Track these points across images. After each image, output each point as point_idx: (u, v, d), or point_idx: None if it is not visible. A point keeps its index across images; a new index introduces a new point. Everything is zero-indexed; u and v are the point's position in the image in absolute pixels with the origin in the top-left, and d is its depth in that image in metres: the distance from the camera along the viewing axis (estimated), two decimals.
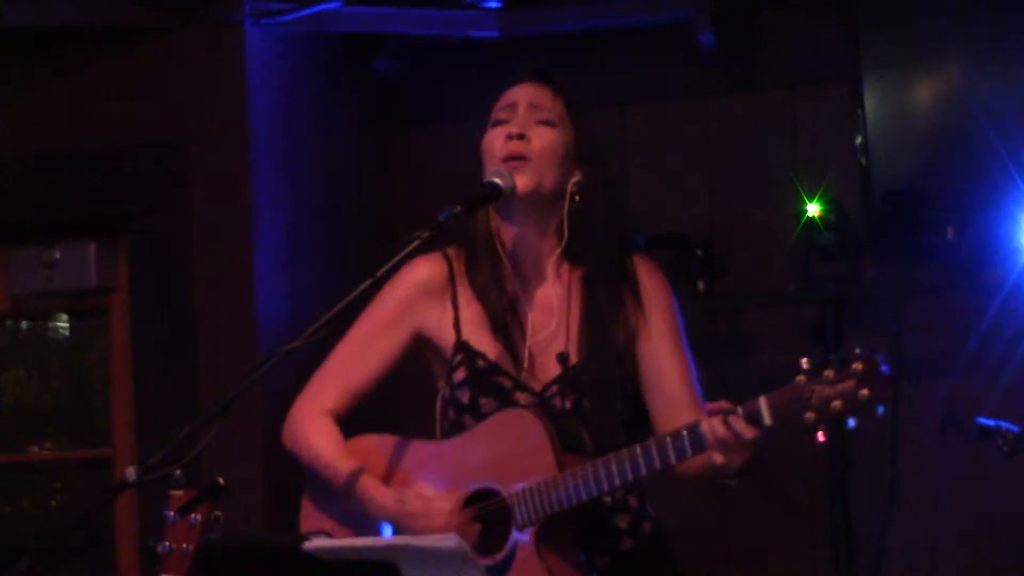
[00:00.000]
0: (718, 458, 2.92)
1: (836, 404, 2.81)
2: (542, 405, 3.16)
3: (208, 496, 2.69)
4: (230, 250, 4.85)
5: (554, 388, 3.19)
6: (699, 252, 5.14)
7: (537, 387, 3.20)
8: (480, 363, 3.21)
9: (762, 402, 2.88)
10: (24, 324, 5.56)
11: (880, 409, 2.80)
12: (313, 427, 3.28)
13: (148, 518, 4.74)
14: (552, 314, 3.24)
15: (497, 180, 3.14)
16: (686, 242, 5.16)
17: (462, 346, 3.23)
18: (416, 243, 2.99)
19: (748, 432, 2.89)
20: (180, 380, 4.84)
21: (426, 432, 3.29)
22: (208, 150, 4.90)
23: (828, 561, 5.02)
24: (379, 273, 2.96)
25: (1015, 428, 4.44)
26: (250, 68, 4.87)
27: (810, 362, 2.84)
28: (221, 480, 2.69)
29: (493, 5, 5.13)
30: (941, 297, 5.07)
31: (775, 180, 5.20)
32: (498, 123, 3.25)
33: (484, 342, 3.22)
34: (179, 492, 2.71)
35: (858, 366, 2.81)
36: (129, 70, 4.97)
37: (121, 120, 4.98)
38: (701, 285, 5.13)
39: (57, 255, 5.09)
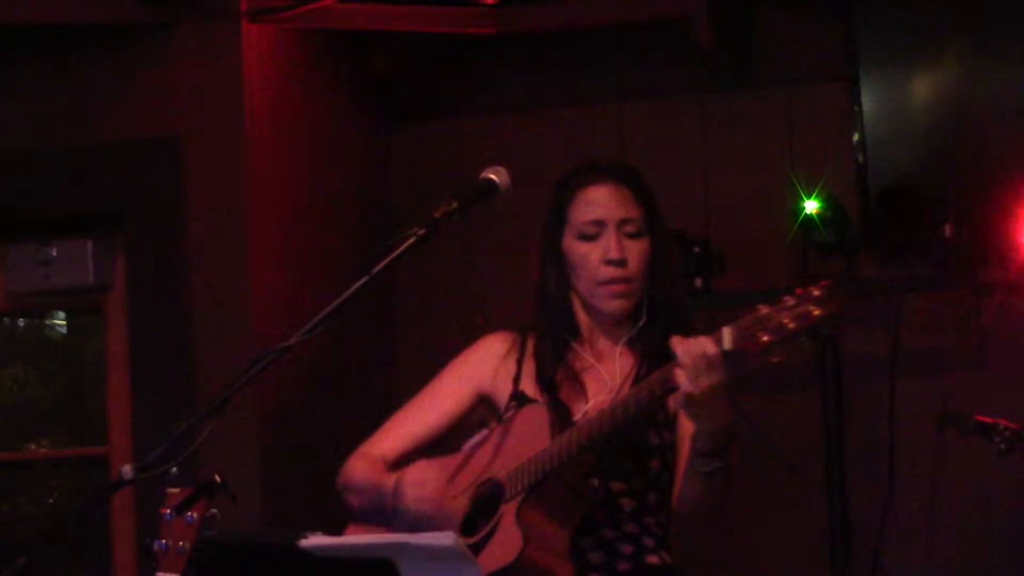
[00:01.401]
0: (681, 376, 2.93)
1: (790, 325, 2.87)
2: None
3: (205, 494, 2.68)
4: (227, 247, 4.84)
5: None
6: (696, 249, 5.14)
7: None
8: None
9: (724, 329, 2.95)
10: (21, 322, 5.55)
11: (824, 321, 2.88)
12: (360, 462, 3.39)
13: (145, 516, 4.73)
14: (616, 385, 3.30)
15: (493, 176, 3.12)
16: (683, 239, 5.16)
17: (517, 395, 3.31)
18: (412, 240, 2.97)
19: (710, 347, 2.92)
20: (177, 378, 4.83)
21: None
22: (205, 147, 4.89)
23: (825, 557, 5.02)
24: (374, 270, 2.95)
25: (1013, 425, 4.44)
26: (247, 65, 4.86)
27: (772, 295, 2.93)
28: (218, 477, 2.69)
29: (490, 1, 5.12)
30: (939, 294, 5.07)
31: (772, 177, 5.19)
32: (587, 238, 3.28)
33: (539, 396, 3.30)
34: (176, 490, 2.70)
35: (815, 291, 2.89)
36: (126, 67, 4.96)
37: (118, 117, 4.97)
38: (698, 282, 5.13)
39: (54, 252, 5.08)
